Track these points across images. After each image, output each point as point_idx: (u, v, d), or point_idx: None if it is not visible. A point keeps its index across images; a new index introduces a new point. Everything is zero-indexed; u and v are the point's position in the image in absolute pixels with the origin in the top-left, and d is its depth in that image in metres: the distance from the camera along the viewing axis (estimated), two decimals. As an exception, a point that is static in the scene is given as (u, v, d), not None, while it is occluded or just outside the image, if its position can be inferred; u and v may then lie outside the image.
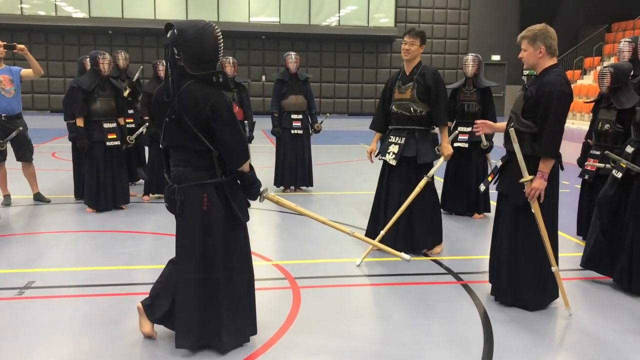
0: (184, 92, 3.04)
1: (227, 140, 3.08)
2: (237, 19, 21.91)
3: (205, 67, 3.07)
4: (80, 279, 4.51)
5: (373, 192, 5.44)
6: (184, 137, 3.09)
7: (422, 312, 3.93)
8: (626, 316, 3.90)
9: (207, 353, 3.24)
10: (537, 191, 3.72)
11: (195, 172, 3.12)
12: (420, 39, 5.07)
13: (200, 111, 3.02)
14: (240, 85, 7.44)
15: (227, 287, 3.20)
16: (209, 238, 3.15)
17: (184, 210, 3.13)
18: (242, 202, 3.28)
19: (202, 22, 3.09)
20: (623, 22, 21.49)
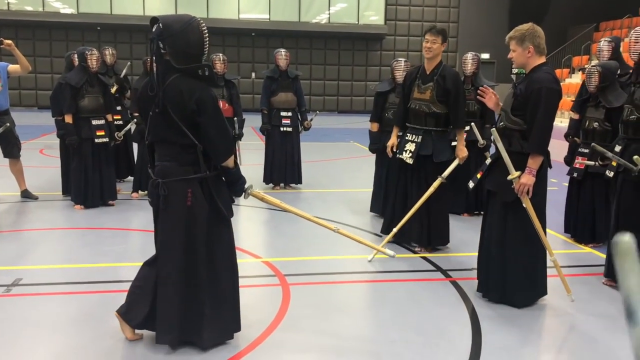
0: (169, 86, 3.03)
1: (212, 135, 3.07)
2: (226, 16, 21.83)
3: (191, 61, 3.05)
4: (68, 276, 4.49)
5: (362, 190, 5.46)
6: (169, 131, 3.07)
7: (410, 309, 3.95)
8: (614, 313, 3.93)
9: (189, 350, 3.23)
10: (526, 187, 3.74)
11: (180, 167, 3.10)
12: (442, 37, 5.08)
13: (186, 105, 3.01)
14: (229, 82, 7.43)
15: (210, 284, 3.19)
16: (193, 233, 3.13)
17: (167, 205, 3.11)
18: (226, 198, 3.26)
19: (188, 16, 3.09)
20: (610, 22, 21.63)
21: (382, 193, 6.31)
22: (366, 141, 6.90)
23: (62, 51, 21.51)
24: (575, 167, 5.42)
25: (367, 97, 22.92)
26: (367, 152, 7.72)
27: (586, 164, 5.25)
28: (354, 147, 13.05)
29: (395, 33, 23.51)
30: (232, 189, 3.30)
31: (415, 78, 5.22)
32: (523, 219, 3.88)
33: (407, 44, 23.72)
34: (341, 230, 3.67)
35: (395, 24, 23.48)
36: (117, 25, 21.17)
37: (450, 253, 5.21)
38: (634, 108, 4.16)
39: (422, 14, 23.73)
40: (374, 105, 6.44)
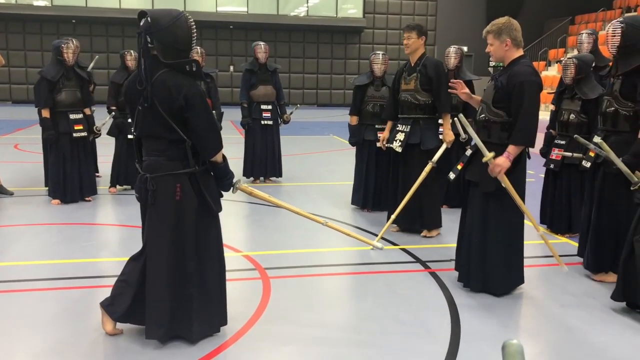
0: (157, 81, 3.02)
1: (201, 130, 3.07)
2: (204, 9, 21.67)
3: (179, 56, 3.05)
4: (45, 272, 4.44)
5: (342, 183, 5.50)
6: (158, 126, 3.06)
7: (391, 300, 3.98)
8: (590, 302, 4.01)
9: (177, 343, 3.23)
10: (500, 168, 3.79)
11: (168, 162, 3.09)
12: (416, 32, 5.29)
13: (174, 100, 3.00)
14: (207, 76, 7.37)
15: (198, 278, 3.19)
16: (181, 228, 3.13)
17: (156, 200, 3.10)
18: (214, 193, 3.26)
19: (176, 11, 3.07)
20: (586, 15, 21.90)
21: (362, 186, 6.34)
22: (346, 134, 6.92)
23: (36, 45, 21.21)
24: (551, 159, 5.49)
25: (346, 91, 22.96)
26: (346, 145, 7.75)
27: (562, 155, 5.33)
28: (333, 140, 13.07)
29: (374, 26, 23.57)
30: (221, 183, 3.29)
31: (403, 72, 5.50)
32: (503, 209, 3.95)
33: (386, 37, 23.78)
34: (330, 224, 3.69)
35: (373, 17, 23.53)
36: (92, 18, 20.89)
37: (430, 244, 5.25)
38: (612, 100, 4.20)
39: (400, 7, 23.81)
40: (353, 98, 6.46)
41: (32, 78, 19.61)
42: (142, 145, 3.23)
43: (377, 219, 6.05)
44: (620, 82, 4.15)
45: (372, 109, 6.28)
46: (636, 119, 4.06)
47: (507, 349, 1.24)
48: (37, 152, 8.38)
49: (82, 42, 7.56)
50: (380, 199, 6.36)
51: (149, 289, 3.16)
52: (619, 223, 4.20)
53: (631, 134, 4.06)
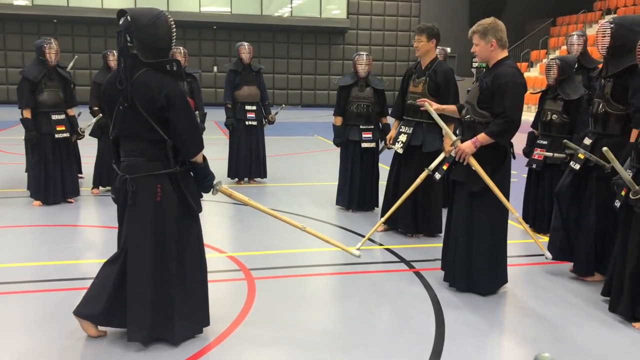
0: (137, 81, 3.00)
1: (182, 130, 3.05)
2: (187, 9, 21.54)
3: (158, 55, 3.03)
4: (27, 274, 4.39)
5: (327, 183, 5.50)
6: (138, 126, 3.04)
7: (375, 300, 3.99)
8: (574, 301, 4.05)
9: (160, 346, 3.21)
10: (464, 153, 3.88)
11: (148, 163, 3.07)
12: (426, 34, 5.25)
13: (155, 100, 2.98)
14: (191, 76, 7.34)
15: (180, 279, 3.17)
16: (162, 229, 3.11)
17: (136, 201, 3.07)
18: (195, 193, 3.25)
19: (156, 10, 3.06)
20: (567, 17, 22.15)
21: (347, 186, 6.36)
22: (330, 135, 6.92)
23: (16, 45, 20.94)
24: (533, 159, 5.54)
25: (331, 91, 22.97)
26: (331, 145, 7.76)
27: (544, 155, 5.38)
28: (317, 140, 13.07)
29: (358, 27, 23.60)
30: (201, 184, 3.27)
31: (412, 73, 5.48)
32: (488, 209, 3.99)
33: (370, 38, 23.84)
34: (308, 229, 3.65)
35: (357, 18, 23.56)
36: (74, 18, 20.66)
37: (414, 244, 5.28)
38: (603, 102, 4.15)
39: (383, 9, 23.87)
40: (337, 99, 6.47)
41: (12, 78, 19.38)
42: (120, 145, 3.19)
43: (361, 220, 6.06)
44: (611, 84, 4.10)
45: (356, 110, 6.29)
46: (627, 122, 4.01)
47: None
48: (18, 153, 8.28)
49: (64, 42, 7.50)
50: (364, 200, 6.38)
51: (130, 291, 3.12)
52: (608, 226, 4.21)
53: (622, 136, 4.03)
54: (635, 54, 3.91)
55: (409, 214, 5.40)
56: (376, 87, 6.34)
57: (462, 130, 4.15)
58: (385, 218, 5.23)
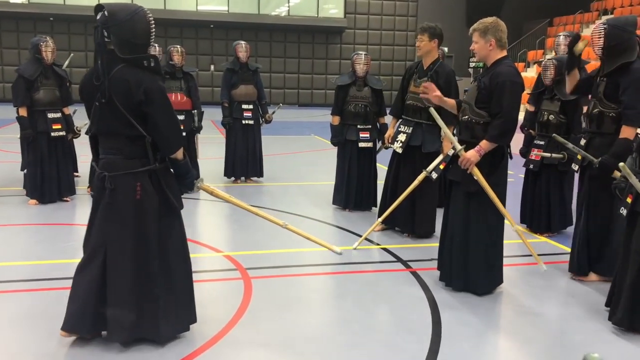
0: (114, 76, 2.97)
1: (161, 125, 3.02)
2: (184, 8, 21.52)
3: (136, 51, 3.00)
4: (23, 273, 4.37)
5: (324, 183, 5.48)
6: (116, 122, 3.00)
7: (372, 300, 3.99)
8: (569, 300, 4.06)
9: (147, 347, 3.19)
10: (469, 162, 3.86)
11: (126, 160, 3.04)
12: (428, 34, 5.21)
13: (133, 95, 2.95)
14: (187, 75, 7.32)
15: (163, 278, 3.14)
16: (143, 228, 3.07)
17: (115, 200, 3.03)
18: (176, 190, 3.21)
19: (134, 6, 3.04)
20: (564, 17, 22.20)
21: (344, 186, 6.35)
22: (327, 134, 6.91)
23: (12, 43, 20.88)
24: (530, 159, 5.54)
25: (328, 90, 22.97)
26: (328, 145, 7.75)
27: (542, 156, 5.38)
28: (314, 140, 13.07)
29: (355, 26, 23.61)
30: (182, 182, 3.23)
31: (414, 72, 5.44)
32: (485, 208, 3.99)
33: (367, 38, 23.85)
34: (289, 226, 3.57)
35: (354, 17, 23.57)
36: (70, 16, 20.60)
37: (411, 244, 5.28)
38: (597, 102, 4.20)
39: (381, 8, 23.88)
40: (334, 98, 6.46)
41: (8, 76, 19.32)
42: (98, 143, 3.16)
43: (358, 219, 6.06)
44: (604, 83, 4.15)
45: (354, 109, 6.28)
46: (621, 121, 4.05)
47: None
48: (14, 152, 8.25)
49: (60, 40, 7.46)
50: (361, 199, 6.37)
51: (111, 291, 3.08)
52: (604, 225, 4.22)
53: (615, 135, 4.07)
54: (629, 54, 3.96)
55: (407, 214, 5.39)
56: (374, 86, 6.33)
57: (459, 129, 4.14)
58: (382, 218, 5.24)
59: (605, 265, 4.30)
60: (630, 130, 3.99)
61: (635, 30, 4.10)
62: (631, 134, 3.99)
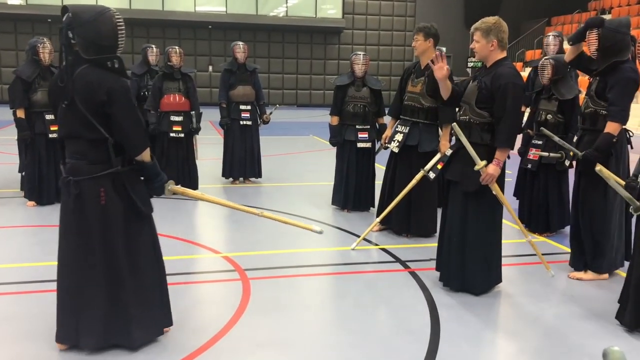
0: (77, 77, 2.92)
1: (125, 127, 2.96)
2: (182, 8, 21.52)
3: (101, 52, 2.95)
4: (21, 275, 4.36)
5: (323, 183, 5.48)
6: (78, 125, 2.95)
7: (371, 300, 3.99)
8: (567, 300, 4.06)
9: (156, 348, 3.18)
10: (492, 177, 3.85)
11: (90, 165, 2.98)
12: (423, 34, 5.22)
13: (94, 95, 2.90)
14: (186, 76, 7.32)
15: (133, 284, 3.09)
16: (109, 233, 3.02)
17: (80, 205, 2.97)
18: (143, 193, 3.14)
19: (101, 7, 2.99)
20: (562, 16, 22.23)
21: (343, 186, 6.35)
22: (325, 135, 6.92)
23: (10, 44, 20.87)
24: (529, 159, 5.55)
25: (326, 91, 22.98)
26: (326, 145, 7.75)
27: (540, 155, 5.38)
28: (313, 140, 13.07)
29: (353, 27, 23.62)
30: (151, 185, 3.16)
31: (411, 72, 5.46)
32: (483, 208, 3.99)
33: (365, 38, 23.86)
34: (266, 214, 3.56)
35: (352, 18, 23.58)
36: (68, 18, 20.57)
37: (410, 244, 5.27)
38: (589, 99, 4.32)
39: (379, 8, 23.90)
40: (333, 98, 6.46)
41: (6, 78, 19.30)
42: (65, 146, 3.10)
43: (357, 219, 6.06)
44: (597, 82, 4.26)
45: (353, 109, 6.28)
46: None
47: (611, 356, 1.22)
48: (11, 153, 8.24)
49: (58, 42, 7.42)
50: (360, 200, 6.37)
51: (79, 298, 3.04)
52: (595, 221, 4.26)
53: None
54: (622, 54, 4.10)
55: (404, 214, 5.39)
56: (373, 87, 6.33)
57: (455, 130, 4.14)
58: (380, 218, 5.24)
59: (602, 262, 4.32)
60: (614, 126, 4.08)
61: (629, 31, 4.19)
62: (614, 130, 4.08)
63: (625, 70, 4.08)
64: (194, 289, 4.23)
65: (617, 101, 4.08)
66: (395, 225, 5.52)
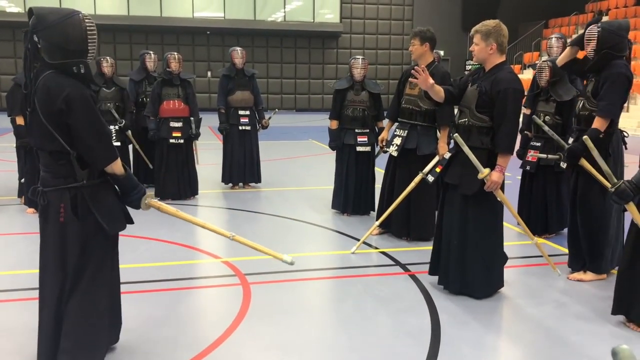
0: (39, 84, 2.74)
1: (86, 137, 2.74)
2: (180, 14, 21.55)
3: (68, 57, 2.75)
4: (21, 282, 4.36)
5: (322, 187, 5.49)
6: (40, 135, 2.77)
7: (371, 304, 3.99)
8: (567, 301, 4.06)
9: (157, 351, 3.18)
10: (496, 185, 3.87)
11: (54, 179, 2.81)
12: (419, 38, 5.26)
13: (53, 103, 2.69)
14: (185, 82, 7.33)
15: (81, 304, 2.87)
16: (66, 254, 2.84)
17: (46, 219, 2.85)
18: (111, 210, 2.91)
19: (69, 10, 2.80)
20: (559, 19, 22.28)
21: (342, 190, 6.35)
22: (324, 139, 6.93)
23: (9, 52, 20.89)
24: (527, 161, 5.55)
25: (325, 95, 23.00)
26: (326, 149, 7.76)
27: (538, 157, 5.39)
28: (312, 144, 13.07)
29: (351, 31, 23.66)
30: (128, 199, 2.97)
31: (409, 75, 5.37)
32: (483, 211, 4.00)
33: (363, 42, 23.90)
34: (237, 237, 3.36)
35: (350, 22, 23.62)
36: (67, 25, 20.60)
37: (410, 247, 5.27)
38: (585, 100, 4.34)
39: (377, 12, 23.94)
40: (332, 103, 6.47)
41: (4, 86, 19.32)
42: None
43: (357, 223, 6.06)
44: (593, 82, 4.28)
45: (352, 113, 6.30)
46: None
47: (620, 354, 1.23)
48: (10, 161, 8.24)
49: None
50: (360, 203, 6.37)
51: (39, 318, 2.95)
52: (592, 222, 4.27)
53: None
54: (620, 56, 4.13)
55: (403, 217, 5.39)
56: (372, 90, 6.35)
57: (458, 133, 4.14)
58: (379, 221, 5.25)
59: (600, 263, 4.33)
60: (601, 121, 4.11)
61: (627, 34, 4.20)
62: (601, 125, 4.11)
63: (617, 66, 4.11)
64: (194, 294, 4.23)
65: (606, 96, 4.10)
66: (394, 229, 5.52)
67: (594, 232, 4.29)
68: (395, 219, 5.37)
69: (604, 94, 4.11)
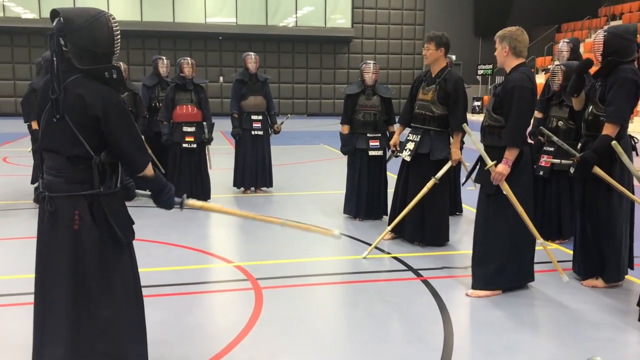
0: (68, 89, 2.60)
1: (123, 145, 2.66)
2: (193, 20, 21.71)
3: (97, 61, 2.64)
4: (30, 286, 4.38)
5: (334, 192, 5.49)
6: (61, 139, 2.63)
7: (383, 309, 3.98)
8: (581, 306, 4.02)
9: (163, 355, 3.20)
10: (501, 175, 4.00)
11: (67, 185, 2.64)
12: (434, 43, 5.27)
13: (87, 111, 2.58)
14: (198, 87, 7.37)
15: (103, 318, 2.72)
16: (81, 263, 2.66)
17: (54, 225, 2.66)
18: (125, 219, 2.80)
19: (95, 11, 2.68)
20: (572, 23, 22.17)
21: (354, 195, 6.35)
22: (335, 143, 6.93)
23: (24, 57, 21.14)
24: (540, 165, 5.52)
25: (336, 100, 23.04)
26: (337, 154, 7.76)
27: (551, 162, 5.36)
28: (323, 149, 13.09)
29: (362, 36, 23.70)
30: (160, 200, 2.87)
31: (422, 80, 5.51)
32: (501, 209, 4.13)
33: (375, 47, 23.92)
34: (288, 222, 3.36)
35: (362, 27, 23.66)
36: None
37: (422, 252, 5.26)
38: (593, 105, 4.33)
39: (388, 17, 23.97)
40: (344, 107, 6.47)
41: (20, 91, 19.52)
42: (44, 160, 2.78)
43: (369, 228, 6.05)
44: (600, 88, 4.28)
45: (363, 118, 6.30)
46: None
47: None
48: (25, 165, 8.33)
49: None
50: (372, 208, 6.37)
51: (45, 329, 2.74)
52: (601, 228, 4.25)
53: None
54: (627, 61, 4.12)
55: (416, 222, 5.39)
56: (383, 95, 6.35)
57: (482, 135, 4.29)
58: (392, 226, 5.24)
59: (610, 269, 4.30)
60: (611, 128, 4.09)
61: (635, 38, 4.18)
62: (612, 131, 4.08)
63: (624, 71, 4.08)
64: (206, 298, 4.24)
65: (614, 101, 4.08)
66: (408, 234, 5.51)
67: (602, 239, 4.26)
68: (409, 223, 5.37)
69: (611, 99, 4.10)
